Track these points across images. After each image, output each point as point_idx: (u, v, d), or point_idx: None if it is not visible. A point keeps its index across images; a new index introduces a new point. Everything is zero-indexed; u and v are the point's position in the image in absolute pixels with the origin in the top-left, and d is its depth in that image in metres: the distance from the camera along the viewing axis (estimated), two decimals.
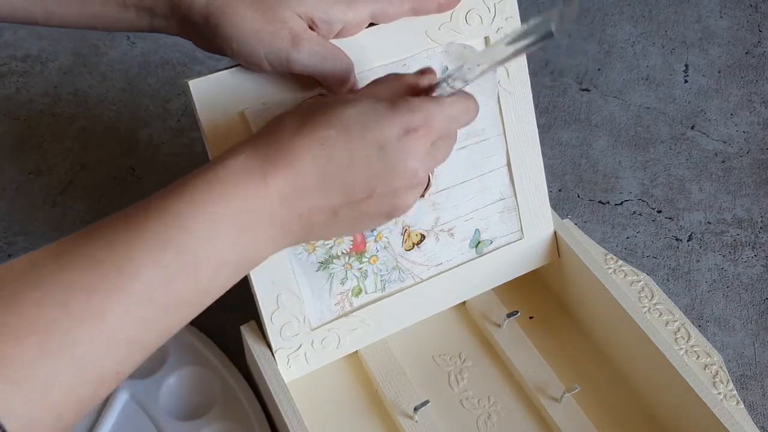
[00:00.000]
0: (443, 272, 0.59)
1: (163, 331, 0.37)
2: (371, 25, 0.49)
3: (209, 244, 0.37)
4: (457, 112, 0.42)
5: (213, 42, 0.45)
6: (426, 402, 0.56)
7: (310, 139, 0.39)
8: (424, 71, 0.44)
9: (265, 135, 0.40)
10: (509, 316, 0.62)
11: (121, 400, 0.58)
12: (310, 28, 0.45)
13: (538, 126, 0.59)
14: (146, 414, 0.58)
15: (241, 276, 0.40)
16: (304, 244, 0.53)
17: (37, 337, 0.32)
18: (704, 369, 0.58)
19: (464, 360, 0.62)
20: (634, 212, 0.76)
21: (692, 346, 0.59)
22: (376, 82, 0.44)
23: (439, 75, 0.53)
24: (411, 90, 0.43)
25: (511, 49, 0.38)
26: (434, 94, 0.42)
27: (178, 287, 0.36)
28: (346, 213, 0.41)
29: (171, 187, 0.38)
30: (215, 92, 0.48)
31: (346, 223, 0.41)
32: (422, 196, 0.44)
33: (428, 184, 0.44)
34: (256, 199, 0.38)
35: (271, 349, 0.55)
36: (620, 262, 0.64)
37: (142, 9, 0.46)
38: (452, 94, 0.42)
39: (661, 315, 0.61)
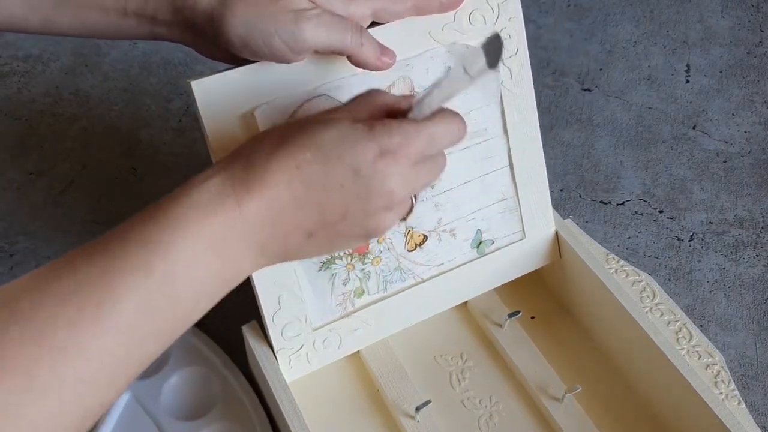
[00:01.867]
0: (445, 272, 0.59)
1: (141, 362, 0.37)
2: (375, 24, 0.49)
3: (189, 271, 0.36)
4: (439, 132, 0.41)
5: (217, 41, 0.45)
6: (427, 402, 0.56)
7: (286, 162, 0.38)
8: (406, 95, 0.43)
9: (240, 156, 0.39)
10: (511, 316, 0.62)
11: (123, 400, 0.58)
12: None
13: (540, 126, 0.59)
14: (148, 414, 0.58)
15: (220, 298, 0.39)
16: None
17: (21, 377, 0.32)
18: (706, 369, 0.58)
19: (466, 360, 0.62)
20: (636, 212, 0.76)
21: (694, 346, 0.59)
22: (357, 100, 0.43)
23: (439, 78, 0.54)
24: (391, 110, 0.42)
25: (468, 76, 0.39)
26: (410, 116, 0.42)
27: (157, 316, 0.36)
28: (320, 234, 0.40)
29: (145, 214, 0.37)
30: (218, 93, 0.48)
31: (320, 245, 0.41)
32: (404, 219, 0.43)
33: (411, 209, 0.43)
34: (233, 225, 0.37)
35: (272, 349, 0.55)
36: (622, 262, 0.64)
37: (143, 17, 0.46)
38: (435, 114, 0.41)
39: (662, 315, 0.61)
